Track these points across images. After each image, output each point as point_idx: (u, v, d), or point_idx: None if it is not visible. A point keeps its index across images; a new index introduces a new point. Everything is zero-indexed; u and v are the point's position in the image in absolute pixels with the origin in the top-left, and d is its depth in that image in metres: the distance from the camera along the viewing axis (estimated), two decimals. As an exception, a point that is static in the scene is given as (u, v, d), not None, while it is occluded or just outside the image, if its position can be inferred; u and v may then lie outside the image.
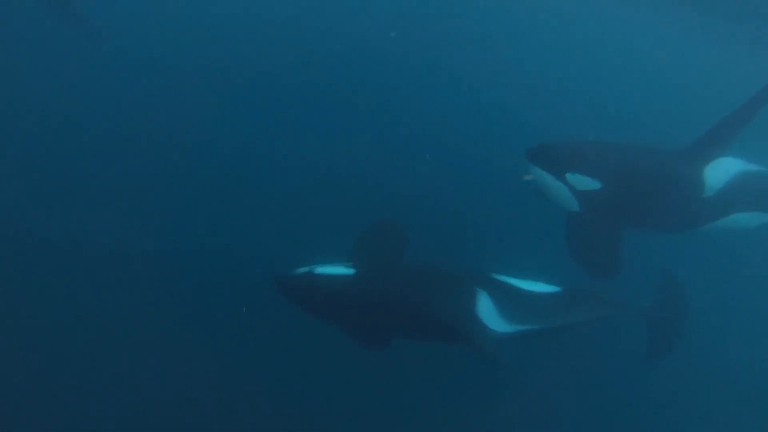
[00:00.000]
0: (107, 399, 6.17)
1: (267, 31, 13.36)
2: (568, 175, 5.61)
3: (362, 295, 5.23)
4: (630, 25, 18.58)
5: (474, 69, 12.87)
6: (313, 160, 9.25)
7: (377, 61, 12.73)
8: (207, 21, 14.07)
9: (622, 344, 7.15)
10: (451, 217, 8.19)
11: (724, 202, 5.91)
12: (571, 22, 18.10)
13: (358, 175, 8.83)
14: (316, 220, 7.85)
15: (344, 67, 12.35)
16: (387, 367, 5.99)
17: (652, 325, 6.67)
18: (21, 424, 5.96)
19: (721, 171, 5.85)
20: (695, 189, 5.80)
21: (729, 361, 7.88)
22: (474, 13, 16.73)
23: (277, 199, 8.27)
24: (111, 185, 8.62)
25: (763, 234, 6.70)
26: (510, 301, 5.34)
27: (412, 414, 6.36)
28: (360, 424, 6.33)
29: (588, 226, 5.75)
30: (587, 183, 5.61)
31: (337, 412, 6.30)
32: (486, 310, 5.21)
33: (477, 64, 13.20)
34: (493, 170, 8.61)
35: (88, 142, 9.39)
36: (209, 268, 7.37)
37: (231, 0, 14.79)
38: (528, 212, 7.35)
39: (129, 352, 6.51)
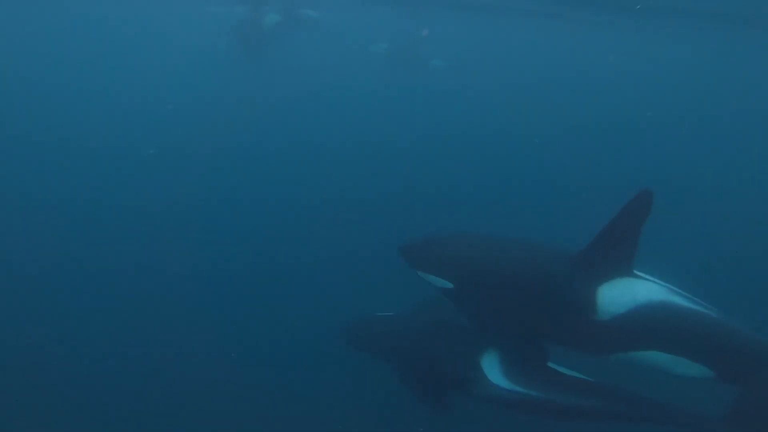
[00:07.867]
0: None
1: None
2: (420, 273, 5.30)
3: (391, 336, 6.00)
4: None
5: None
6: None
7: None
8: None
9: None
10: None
11: (627, 334, 4.74)
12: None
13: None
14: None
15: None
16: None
17: None
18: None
19: (623, 294, 4.71)
20: (580, 307, 4.73)
21: None
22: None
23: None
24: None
25: None
26: (519, 364, 5.32)
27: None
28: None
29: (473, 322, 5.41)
30: (437, 281, 5.21)
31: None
32: (489, 363, 5.35)
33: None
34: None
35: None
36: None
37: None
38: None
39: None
